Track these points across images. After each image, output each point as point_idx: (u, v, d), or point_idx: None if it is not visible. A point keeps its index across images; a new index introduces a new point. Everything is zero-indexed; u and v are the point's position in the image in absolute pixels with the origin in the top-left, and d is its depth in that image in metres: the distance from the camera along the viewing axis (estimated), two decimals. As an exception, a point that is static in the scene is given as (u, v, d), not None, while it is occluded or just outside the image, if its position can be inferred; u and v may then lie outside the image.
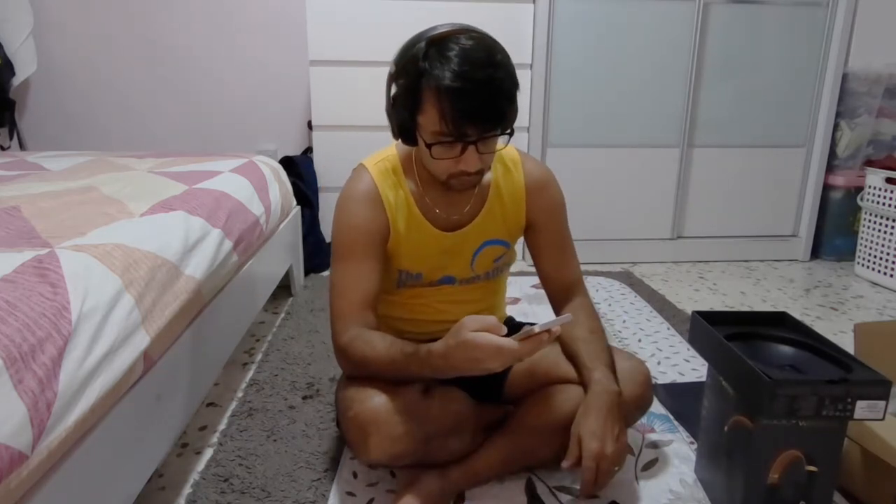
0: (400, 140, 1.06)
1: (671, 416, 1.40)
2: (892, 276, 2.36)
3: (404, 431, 0.99)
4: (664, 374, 1.62)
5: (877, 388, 0.89)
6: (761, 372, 0.90)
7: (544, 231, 1.20)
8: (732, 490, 1.01)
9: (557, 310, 1.22)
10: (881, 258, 2.40)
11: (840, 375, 0.91)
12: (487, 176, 1.15)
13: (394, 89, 1.02)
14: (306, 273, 2.35)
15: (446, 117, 0.93)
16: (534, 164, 1.20)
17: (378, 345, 1.01)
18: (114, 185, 1.37)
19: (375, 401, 0.99)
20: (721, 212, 2.71)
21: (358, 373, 1.05)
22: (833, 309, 2.15)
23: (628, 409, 1.12)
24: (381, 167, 1.13)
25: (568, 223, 1.23)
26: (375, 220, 1.10)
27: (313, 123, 2.45)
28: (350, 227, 1.10)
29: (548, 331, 0.88)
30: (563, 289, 1.21)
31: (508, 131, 0.99)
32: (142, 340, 0.91)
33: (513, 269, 1.32)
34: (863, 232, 2.49)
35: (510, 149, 1.19)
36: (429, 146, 0.98)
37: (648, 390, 1.14)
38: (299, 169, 2.42)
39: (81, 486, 0.78)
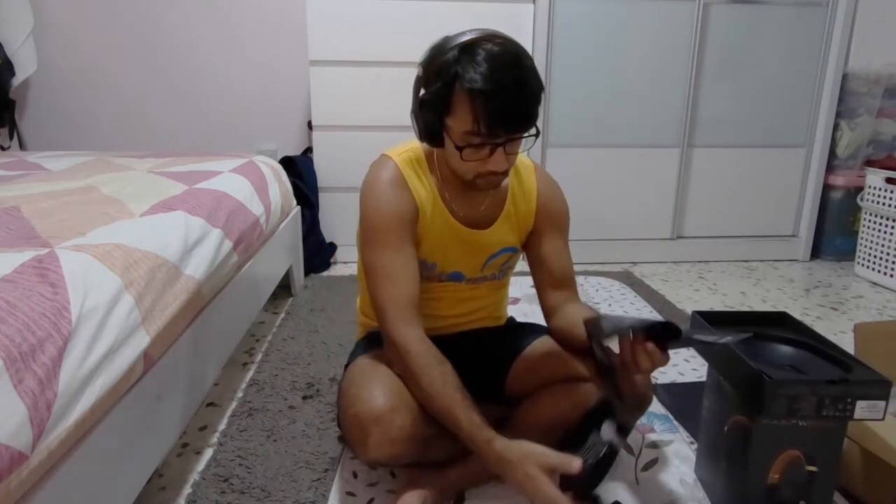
0: (425, 142, 1.07)
1: (671, 416, 1.40)
2: (892, 276, 2.36)
3: (405, 431, 0.99)
4: (664, 374, 1.62)
5: (877, 388, 0.89)
6: (761, 372, 0.90)
7: (549, 236, 1.20)
8: (732, 490, 1.01)
9: (549, 315, 1.20)
10: (881, 258, 2.40)
11: (840, 375, 0.91)
12: (505, 180, 1.17)
13: (422, 93, 1.03)
14: (306, 273, 2.35)
15: (479, 119, 0.95)
16: (545, 173, 1.24)
17: (436, 380, 0.98)
18: (114, 185, 1.37)
19: (377, 400, 0.99)
20: (721, 212, 2.71)
21: (395, 365, 1.05)
22: (833, 309, 2.15)
23: (628, 409, 1.12)
24: (405, 157, 1.14)
25: (568, 241, 1.24)
26: (406, 202, 1.10)
27: (313, 123, 2.45)
28: (384, 211, 1.08)
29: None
30: (560, 288, 1.19)
31: (535, 132, 1.01)
32: (142, 340, 0.91)
33: (513, 268, 1.33)
34: (863, 232, 2.49)
35: (524, 157, 1.21)
36: (459, 148, 1.00)
37: (648, 390, 1.13)
38: (299, 169, 2.42)
39: (81, 486, 0.78)
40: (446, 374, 0.99)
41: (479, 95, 0.94)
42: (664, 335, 0.89)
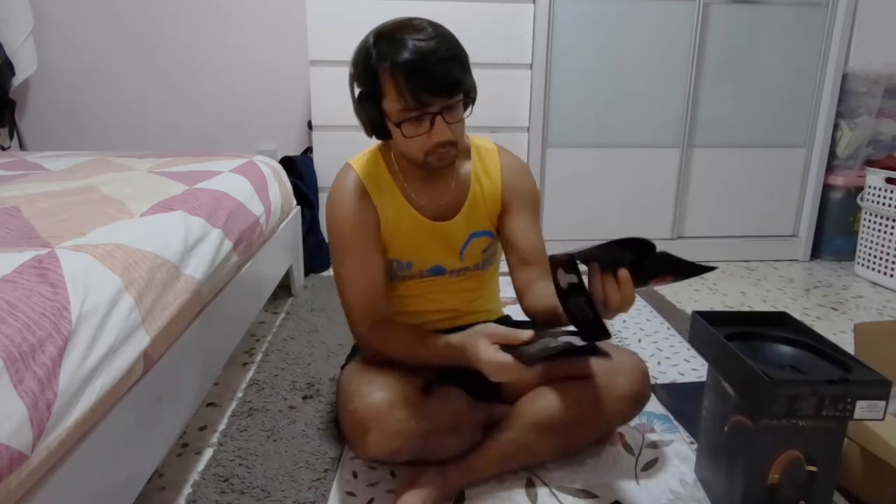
0: (374, 136, 1.11)
1: (671, 416, 1.40)
2: (892, 276, 2.36)
3: (403, 427, 0.99)
4: (664, 374, 1.62)
5: (877, 388, 0.89)
6: (761, 372, 0.90)
7: (516, 214, 1.19)
8: (732, 490, 1.01)
9: (521, 294, 1.18)
10: (881, 258, 2.40)
11: (840, 375, 0.91)
12: (467, 166, 1.19)
13: (356, 89, 1.07)
14: (306, 273, 2.35)
15: (403, 90, 0.98)
16: (509, 153, 1.24)
17: (400, 333, 1.08)
18: (114, 185, 1.37)
19: (376, 396, 1.00)
20: (721, 212, 2.71)
21: (381, 357, 1.10)
22: (833, 309, 2.15)
23: (627, 406, 1.12)
24: (363, 162, 1.18)
25: (539, 220, 1.24)
26: (365, 210, 1.13)
27: (313, 123, 2.45)
28: (343, 220, 1.13)
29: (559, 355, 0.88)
30: (530, 265, 1.17)
31: (470, 99, 1.05)
32: (142, 340, 0.91)
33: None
34: (863, 232, 2.49)
35: (487, 141, 1.24)
36: (398, 125, 1.02)
37: (646, 386, 1.14)
38: (299, 169, 2.42)
39: (81, 486, 0.78)
40: (399, 335, 1.09)
41: (398, 67, 0.96)
42: (636, 262, 0.83)
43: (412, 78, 0.97)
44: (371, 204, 1.14)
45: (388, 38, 0.99)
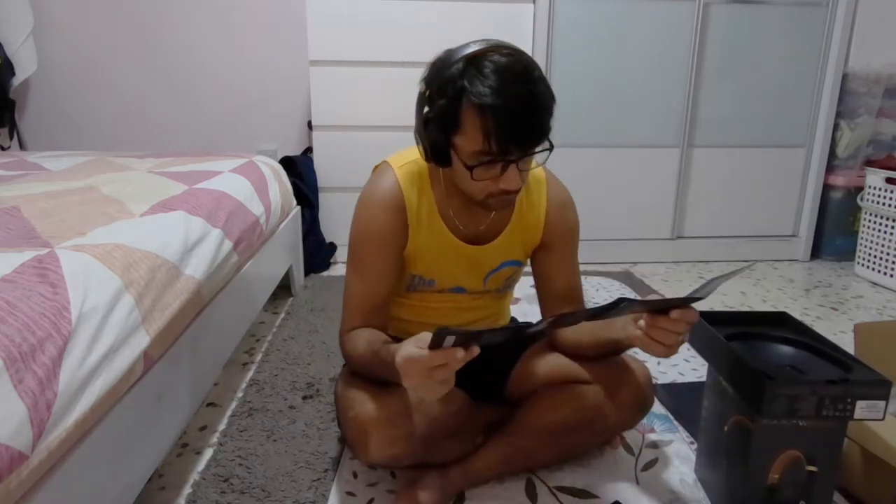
0: (432, 162, 1.01)
1: (671, 416, 1.40)
2: (892, 276, 2.36)
3: (404, 433, 0.99)
4: (664, 374, 1.62)
5: (877, 388, 0.89)
6: (761, 372, 0.90)
7: (557, 252, 1.17)
8: (732, 490, 1.01)
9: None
10: (881, 258, 2.40)
11: (840, 375, 0.92)
12: None
13: (426, 110, 0.97)
14: (306, 273, 2.35)
15: (490, 136, 0.89)
16: (557, 184, 1.18)
17: (359, 345, 1.03)
18: (114, 185, 1.37)
19: (376, 402, 1.00)
20: (721, 212, 2.71)
21: (352, 368, 1.09)
22: (833, 309, 2.15)
23: (630, 413, 1.12)
24: (407, 170, 1.09)
25: (577, 254, 1.20)
26: (395, 226, 1.07)
27: (313, 123, 2.45)
28: (368, 230, 1.07)
29: (463, 347, 0.79)
30: (567, 305, 1.17)
31: (549, 147, 0.96)
32: (142, 340, 0.91)
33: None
34: (863, 232, 2.49)
35: (535, 166, 1.19)
36: (469, 168, 0.94)
37: (650, 395, 1.13)
38: (299, 169, 2.42)
39: (81, 486, 0.78)
40: (358, 347, 1.03)
41: (490, 111, 0.88)
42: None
43: (503, 125, 0.88)
44: (403, 219, 1.07)
45: (480, 69, 0.89)
